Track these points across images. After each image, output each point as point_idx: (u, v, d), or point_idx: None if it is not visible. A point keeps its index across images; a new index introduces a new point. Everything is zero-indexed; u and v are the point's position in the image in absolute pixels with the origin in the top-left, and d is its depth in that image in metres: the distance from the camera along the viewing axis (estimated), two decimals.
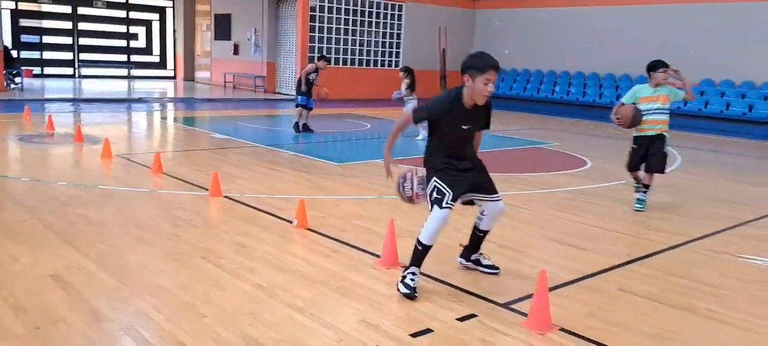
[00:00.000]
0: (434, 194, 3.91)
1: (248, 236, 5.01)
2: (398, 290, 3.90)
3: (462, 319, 3.60)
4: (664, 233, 5.65)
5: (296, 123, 11.55)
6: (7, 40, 20.66)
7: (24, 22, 22.46)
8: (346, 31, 20.29)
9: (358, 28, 20.58)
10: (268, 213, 5.73)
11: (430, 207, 3.93)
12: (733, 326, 3.68)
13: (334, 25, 19.93)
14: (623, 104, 6.33)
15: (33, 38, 22.94)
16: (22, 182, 6.74)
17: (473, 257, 4.40)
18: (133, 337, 3.19)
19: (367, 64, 20.97)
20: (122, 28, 24.74)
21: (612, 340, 3.39)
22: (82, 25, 23.58)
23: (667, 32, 17.67)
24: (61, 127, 10.73)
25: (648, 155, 6.30)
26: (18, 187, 6.55)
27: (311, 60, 19.35)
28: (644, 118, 6.20)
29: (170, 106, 16.89)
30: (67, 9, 23.11)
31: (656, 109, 6.23)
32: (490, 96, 3.93)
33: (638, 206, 6.43)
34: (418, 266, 3.96)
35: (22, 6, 22.37)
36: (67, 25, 23.25)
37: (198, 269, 4.25)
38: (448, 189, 3.89)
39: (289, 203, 6.01)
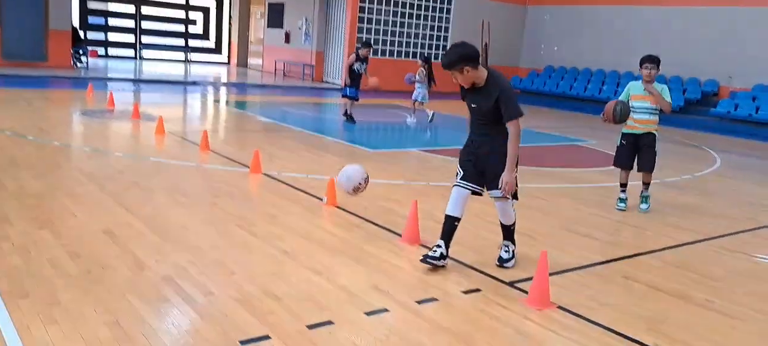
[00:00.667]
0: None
1: (280, 209, 5.42)
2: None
3: (467, 292, 3.90)
4: (682, 230, 5.77)
5: (346, 111, 11.54)
6: (75, 22, 21.89)
7: (91, 5, 23.67)
8: (394, 23, 20.61)
9: (407, 20, 20.87)
10: (301, 190, 6.14)
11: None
12: (724, 314, 3.84)
13: (382, 17, 20.29)
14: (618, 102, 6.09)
15: (99, 20, 24.17)
16: (84, 151, 7.37)
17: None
18: (169, 284, 3.63)
19: (414, 57, 21.22)
20: (181, 14, 25.74)
21: (604, 319, 3.62)
22: (145, 10, 24.66)
23: (718, 33, 17.28)
24: (120, 104, 11.46)
25: (639, 154, 6.18)
26: (80, 155, 7.18)
27: (356, 49, 19.88)
28: (635, 116, 6.00)
29: (222, 90, 17.62)
30: None
31: (646, 108, 6.04)
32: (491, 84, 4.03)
33: (621, 205, 6.29)
34: (442, 237, 4.22)
35: None
36: (131, 9, 24.36)
37: (231, 233, 4.68)
38: (460, 168, 4.23)
39: (322, 182, 6.40)
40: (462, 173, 4.23)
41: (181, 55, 25.49)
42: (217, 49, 27.18)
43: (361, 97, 11.77)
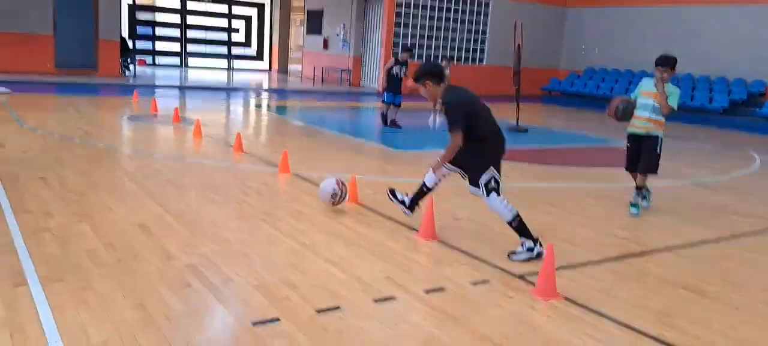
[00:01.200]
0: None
1: (305, 206, 5.63)
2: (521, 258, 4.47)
3: (476, 283, 4.01)
4: (707, 228, 5.71)
5: (383, 114, 11.37)
6: (124, 32, 22.82)
7: (139, 16, 24.63)
8: (430, 27, 20.74)
9: (443, 23, 20.97)
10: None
11: None
12: (739, 309, 3.83)
13: (418, 22, 20.44)
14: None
15: (146, 30, 25.11)
16: (125, 153, 7.77)
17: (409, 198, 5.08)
18: (194, 272, 3.86)
19: (452, 60, 21.28)
20: (224, 23, 26.48)
21: (611, 310, 3.67)
22: (190, 19, 25.49)
23: (765, 32, 16.75)
24: (163, 109, 11.94)
25: (640, 156, 5.97)
26: (121, 156, 7.57)
27: (394, 54, 20.08)
28: (637, 112, 5.80)
29: (262, 95, 18.08)
30: (176, 4, 25.09)
31: (648, 105, 5.84)
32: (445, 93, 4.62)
33: (634, 210, 5.95)
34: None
35: (139, 0, 24.57)
36: (176, 18, 25.23)
37: (257, 228, 4.91)
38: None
39: (348, 182, 6.59)
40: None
41: (224, 63, 26.25)
42: (259, 56, 27.83)
43: (400, 103, 11.51)
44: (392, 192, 5.14)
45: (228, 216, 5.19)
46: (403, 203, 5.06)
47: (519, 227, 4.49)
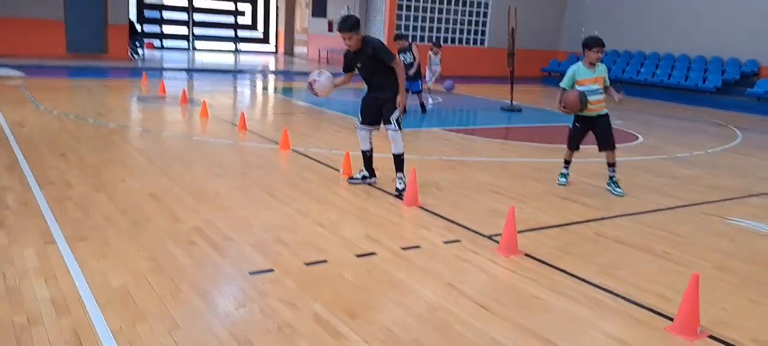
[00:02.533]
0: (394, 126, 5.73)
1: (301, 178, 6.17)
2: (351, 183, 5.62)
3: (448, 242, 4.53)
4: (670, 198, 6.19)
5: (422, 104, 11.31)
6: (133, 16, 23.34)
7: (148, 0, 25.12)
8: (433, 10, 21.09)
9: (445, 6, 21.31)
10: (324, 163, 6.87)
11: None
12: (675, 263, 4.33)
13: (421, 3, 20.80)
14: (565, 90, 6.13)
15: (154, 14, 25.62)
16: (136, 131, 8.32)
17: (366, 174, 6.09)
18: (199, 233, 4.41)
19: (453, 42, 21.67)
20: (231, 6, 26.95)
21: (563, 264, 4.19)
22: (197, 3, 25.96)
23: (759, 13, 17.02)
24: (171, 91, 12.49)
25: (596, 135, 6.19)
26: (133, 134, 8.13)
27: (398, 37, 20.46)
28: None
29: (267, 77, 18.58)
30: None
31: (595, 89, 6.06)
32: (366, 44, 5.62)
33: (619, 191, 6.16)
34: (362, 168, 5.91)
35: None
36: (184, 2, 25.71)
37: (256, 197, 5.44)
38: (359, 115, 5.78)
39: (342, 156, 7.11)
40: (361, 119, 5.91)
41: (231, 46, 26.75)
42: (265, 39, 28.32)
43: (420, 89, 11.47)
44: (351, 179, 6.08)
45: (230, 187, 5.73)
46: (365, 178, 6.00)
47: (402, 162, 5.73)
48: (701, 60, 18.47)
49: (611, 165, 6.28)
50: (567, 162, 6.54)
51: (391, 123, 5.63)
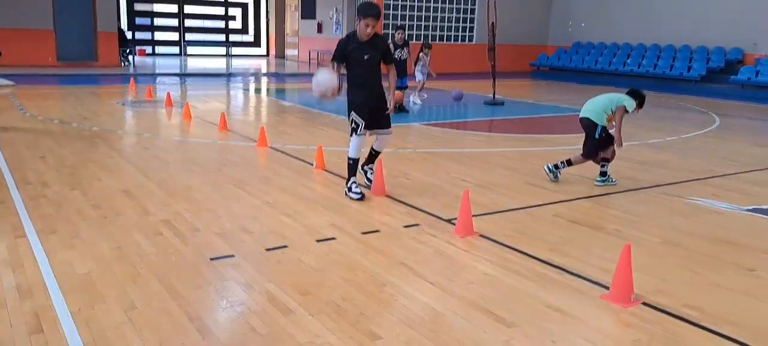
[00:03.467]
0: (352, 125, 5.34)
1: (274, 173, 6.33)
2: (350, 197, 5.29)
3: (408, 226, 4.69)
4: (633, 181, 6.35)
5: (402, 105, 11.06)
6: (124, 23, 23.52)
7: (138, 7, 25.29)
8: (420, 8, 21.26)
9: (433, 4, 21.48)
10: (298, 158, 7.03)
11: (350, 134, 5.39)
12: (624, 239, 4.48)
13: (408, 3, 20.97)
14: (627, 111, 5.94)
15: (145, 21, 25.79)
16: (118, 134, 8.48)
17: (364, 167, 5.82)
18: (166, 225, 4.57)
19: (441, 40, 21.84)
20: (221, 11, 27.12)
21: (515, 243, 4.34)
22: (187, 9, 26.13)
23: (744, 1, 17.19)
24: (158, 95, 12.65)
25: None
26: (114, 136, 8.28)
27: (399, 29, 20.60)
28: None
29: (253, 79, 18.75)
30: None
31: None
32: (378, 38, 5.28)
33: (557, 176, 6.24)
34: (355, 174, 5.42)
35: None
36: (174, 8, 25.87)
37: (227, 191, 5.60)
38: (361, 120, 5.31)
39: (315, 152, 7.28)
40: (363, 124, 5.34)
41: (222, 50, 26.92)
42: (256, 43, 28.48)
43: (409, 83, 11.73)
44: (364, 170, 5.80)
45: (203, 182, 5.89)
46: (368, 183, 5.73)
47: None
48: (686, 49, 18.64)
49: (608, 160, 6.17)
50: (570, 163, 6.27)
51: (390, 127, 5.56)
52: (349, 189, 5.41)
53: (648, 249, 4.36)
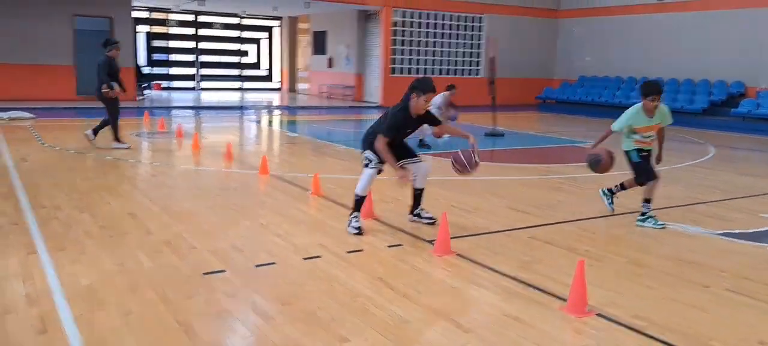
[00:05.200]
0: (364, 160, 5.47)
1: (271, 198, 6.70)
2: (348, 231, 5.36)
3: (391, 246, 5.01)
4: (619, 208, 6.61)
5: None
6: (142, 58, 24.37)
7: (155, 43, 26.20)
8: (426, 44, 21.84)
9: (439, 40, 22.06)
10: (296, 185, 7.40)
11: (363, 168, 5.51)
12: (592, 258, 4.76)
13: (415, 38, 21.56)
14: (612, 132, 5.99)
15: (162, 56, 26.68)
16: (129, 163, 8.93)
17: (416, 211, 5.75)
18: (167, 244, 4.93)
19: (448, 73, 22.33)
20: (235, 46, 27.97)
21: (489, 262, 4.64)
22: (202, 45, 27.01)
23: (740, 35, 17.51)
24: (169, 127, 13.17)
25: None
26: (125, 165, 8.73)
27: (393, 72, 21.21)
28: (643, 136, 5.88)
29: (264, 112, 19.31)
30: (190, 30, 26.64)
31: (649, 135, 5.92)
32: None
33: (612, 205, 6.31)
34: (358, 210, 5.43)
35: (155, 29, 26.17)
36: (190, 44, 26.76)
37: (225, 215, 5.97)
38: (375, 156, 5.40)
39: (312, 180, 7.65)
40: (376, 159, 5.42)
41: (236, 84, 27.69)
42: (269, 77, 29.24)
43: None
44: (417, 214, 5.73)
45: (204, 207, 6.27)
46: (429, 219, 5.67)
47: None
48: (689, 83, 18.92)
49: (648, 200, 5.90)
50: (624, 187, 6.23)
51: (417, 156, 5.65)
52: (349, 223, 5.38)
53: (612, 267, 4.64)
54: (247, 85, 27.90)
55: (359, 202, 5.43)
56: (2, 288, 3.90)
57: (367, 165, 5.44)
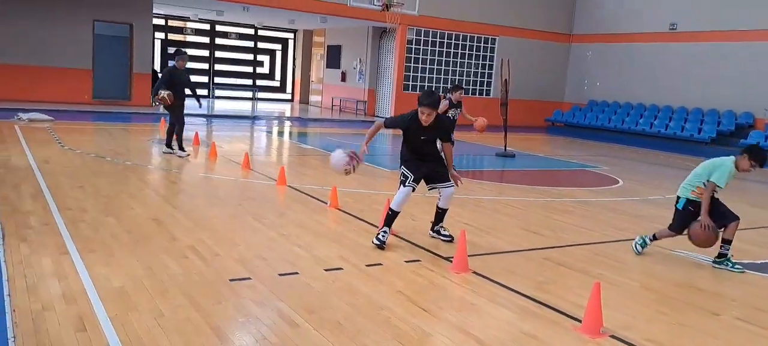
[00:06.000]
0: (401, 177, 5.53)
1: (290, 209, 6.86)
2: (372, 242, 5.51)
3: (409, 261, 5.16)
4: (626, 232, 6.74)
5: None
6: (157, 65, 24.69)
7: (171, 51, 26.55)
8: (439, 62, 22.08)
9: (452, 59, 22.30)
10: (314, 197, 7.56)
11: (399, 185, 5.55)
12: (607, 282, 4.88)
13: (428, 56, 21.81)
14: (717, 188, 5.49)
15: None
16: (148, 169, 9.13)
17: (436, 228, 5.90)
18: (191, 249, 5.10)
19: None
20: (250, 57, 28.30)
21: (504, 280, 4.77)
22: (218, 53, 27.35)
23: (754, 67, 17.67)
24: (186, 134, 13.36)
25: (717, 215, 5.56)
26: (145, 171, 8.93)
27: (405, 88, 21.45)
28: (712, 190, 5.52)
29: (278, 122, 19.54)
30: (205, 39, 27.01)
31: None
32: (438, 121, 5.52)
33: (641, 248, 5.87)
34: (389, 226, 5.54)
35: (171, 36, 26.54)
36: (205, 53, 27.10)
37: (245, 223, 6.13)
38: (410, 173, 5.48)
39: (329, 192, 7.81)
40: (412, 176, 5.53)
41: (249, 94, 27.97)
42: (282, 88, 29.53)
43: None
44: (437, 231, 5.90)
45: (224, 214, 6.44)
46: (448, 237, 5.80)
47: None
48: (698, 112, 19.05)
49: (729, 242, 5.60)
50: (656, 238, 5.88)
51: (449, 181, 5.70)
52: (378, 235, 5.48)
53: (625, 291, 4.77)
54: (259, 95, 28.18)
55: (391, 217, 5.54)
56: (39, 287, 4.06)
57: (403, 182, 5.56)
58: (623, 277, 5.09)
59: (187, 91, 10.85)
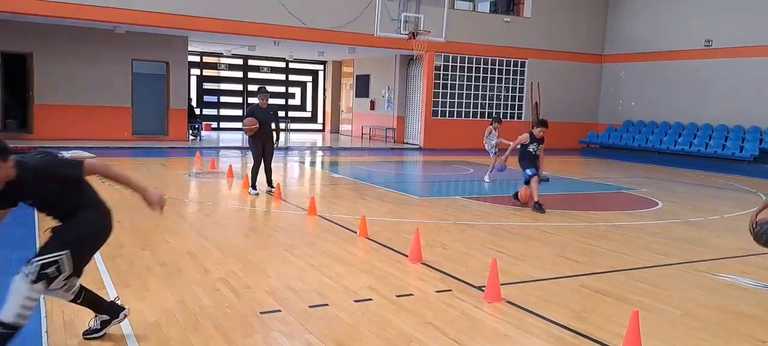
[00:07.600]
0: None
1: (320, 239, 6.87)
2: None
3: (440, 291, 5.09)
4: (665, 256, 6.54)
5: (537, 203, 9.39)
6: (194, 100, 25.30)
7: (207, 86, 27.22)
8: (468, 87, 22.05)
9: (481, 83, 22.25)
10: (344, 227, 7.56)
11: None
12: (646, 310, 4.72)
13: (457, 82, 21.82)
14: None
15: (212, 98, 27.64)
16: (185, 202, 9.29)
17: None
18: (223, 282, 5.13)
19: (489, 117, 22.39)
20: (282, 89, 28.79)
21: (540, 309, 4.66)
22: (251, 87, 27.89)
23: None
24: (220, 167, 13.62)
25: None
26: (181, 205, 9.07)
27: (434, 114, 21.48)
28: None
29: (309, 152, 19.72)
30: (239, 74, 27.59)
31: None
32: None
33: None
34: None
35: (206, 72, 27.22)
36: (239, 87, 27.68)
37: (276, 254, 6.16)
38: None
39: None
40: None
41: (282, 125, 28.41)
42: (314, 118, 29.90)
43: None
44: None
45: (256, 246, 6.48)
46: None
47: None
48: (739, 130, 18.52)
49: None
50: None
51: None
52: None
53: (665, 318, 4.60)
54: (291, 125, 28.59)
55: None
56: (76, 321, 4.14)
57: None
58: (663, 304, 4.92)
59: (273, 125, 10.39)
